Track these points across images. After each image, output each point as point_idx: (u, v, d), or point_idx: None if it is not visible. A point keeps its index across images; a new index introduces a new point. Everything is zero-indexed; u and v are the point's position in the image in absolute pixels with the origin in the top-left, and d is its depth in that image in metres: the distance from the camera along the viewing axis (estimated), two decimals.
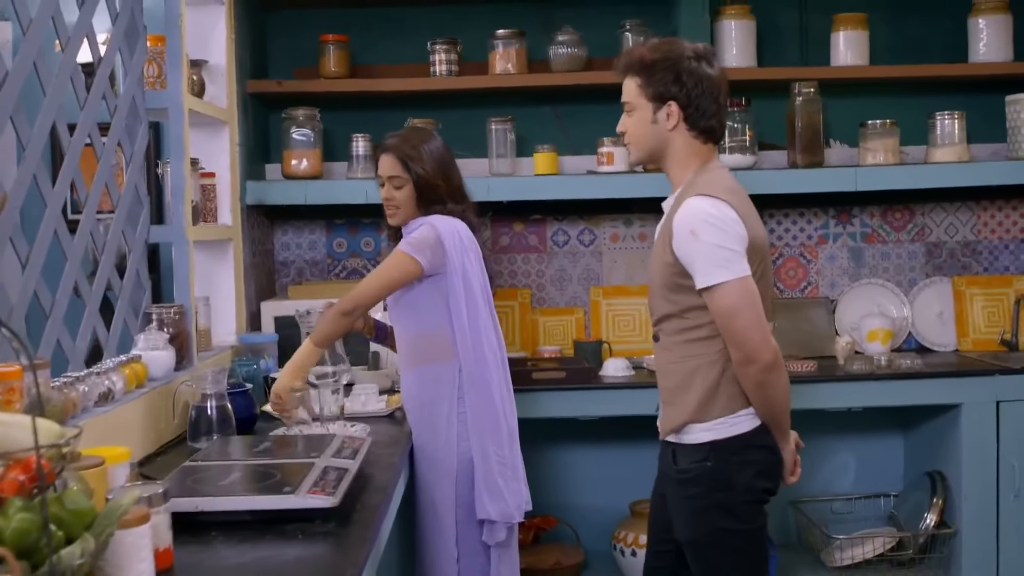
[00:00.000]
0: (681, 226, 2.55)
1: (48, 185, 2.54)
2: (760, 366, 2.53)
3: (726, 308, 2.51)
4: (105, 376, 2.57)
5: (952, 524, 4.02)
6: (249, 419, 3.09)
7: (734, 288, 2.50)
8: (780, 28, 4.50)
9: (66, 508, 1.50)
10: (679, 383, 2.66)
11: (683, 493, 2.67)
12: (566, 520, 4.37)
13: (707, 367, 2.61)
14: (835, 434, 4.52)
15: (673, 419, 2.68)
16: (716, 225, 2.52)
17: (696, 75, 2.63)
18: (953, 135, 4.25)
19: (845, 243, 4.60)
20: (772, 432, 2.65)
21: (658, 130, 2.67)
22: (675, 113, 2.64)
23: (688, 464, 2.65)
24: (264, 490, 2.13)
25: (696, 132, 2.66)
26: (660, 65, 2.64)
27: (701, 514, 2.64)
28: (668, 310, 2.66)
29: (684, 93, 2.63)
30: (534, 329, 4.51)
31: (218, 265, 3.75)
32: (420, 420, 3.11)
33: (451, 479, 3.05)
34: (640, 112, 2.68)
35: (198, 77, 3.57)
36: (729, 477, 2.61)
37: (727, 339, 2.55)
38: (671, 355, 2.68)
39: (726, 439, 2.61)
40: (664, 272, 2.63)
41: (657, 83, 2.64)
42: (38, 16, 2.46)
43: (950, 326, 4.49)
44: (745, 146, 4.19)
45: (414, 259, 3.02)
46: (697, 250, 2.52)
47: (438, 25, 4.41)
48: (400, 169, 3.13)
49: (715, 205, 2.54)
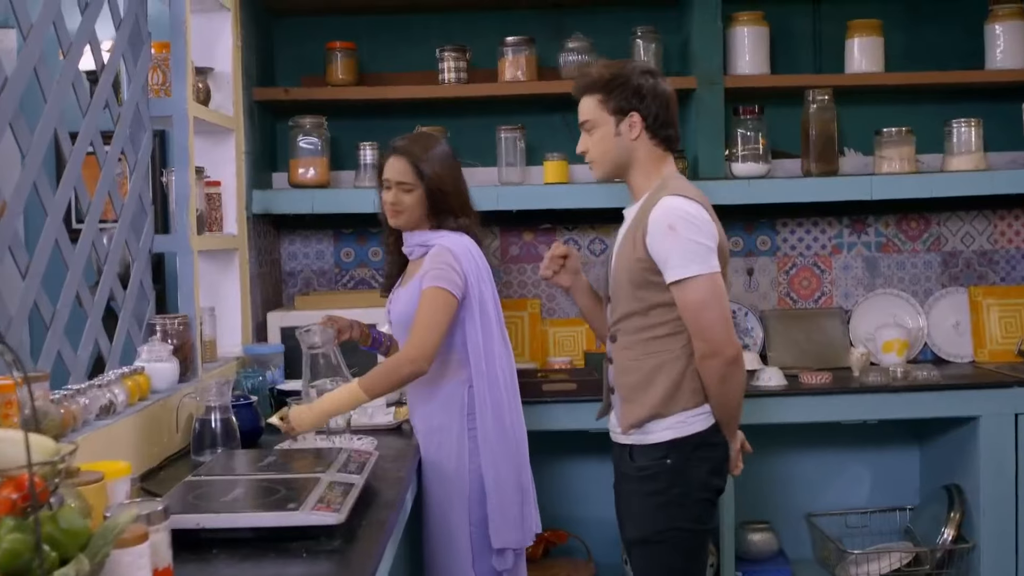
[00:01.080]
0: (658, 222, 2.68)
1: (49, 193, 2.49)
2: (724, 359, 2.66)
3: (696, 301, 2.65)
4: (107, 388, 2.52)
5: (970, 539, 3.96)
6: (254, 432, 3.04)
7: (706, 282, 2.65)
8: (793, 35, 4.45)
9: (60, 527, 1.46)
10: (641, 380, 2.76)
11: (642, 490, 2.76)
12: (576, 534, 4.30)
13: (671, 363, 2.73)
14: (850, 447, 4.46)
15: (633, 414, 2.77)
16: (692, 222, 2.67)
17: (652, 89, 2.79)
18: (970, 143, 4.20)
19: (860, 253, 4.54)
20: (723, 429, 2.77)
21: (622, 142, 2.80)
22: (638, 123, 2.78)
23: (647, 461, 2.75)
24: (268, 506, 2.08)
25: (657, 140, 2.82)
26: (618, 80, 2.79)
27: (658, 511, 2.74)
28: (632, 308, 2.76)
29: (644, 105, 2.78)
30: (544, 340, 4.46)
31: (224, 275, 3.71)
32: (430, 440, 3.04)
33: (463, 499, 2.98)
34: (602, 128, 2.82)
35: (203, 85, 3.53)
36: (686, 474, 2.73)
37: (694, 332, 2.68)
38: (631, 353, 2.78)
39: (685, 437, 2.73)
40: (633, 269, 2.73)
41: (617, 97, 2.78)
42: (39, 21, 2.42)
43: (966, 337, 4.43)
44: (758, 154, 4.14)
45: (452, 294, 2.95)
46: (673, 244, 2.65)
47: (447, 32, 4.37)
48: (410, 174, 3.04)
49: (691, 204, 2.70)
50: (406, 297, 3.06)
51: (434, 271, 2.97)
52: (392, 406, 3.42)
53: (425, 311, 2.94)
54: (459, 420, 3.01)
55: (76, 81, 2.64)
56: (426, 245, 3.06)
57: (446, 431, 3.01)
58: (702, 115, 4.13)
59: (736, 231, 4.49)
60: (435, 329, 2.93)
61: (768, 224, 4.52)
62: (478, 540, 2.99)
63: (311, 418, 2.89)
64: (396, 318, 3.11)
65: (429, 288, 2.95)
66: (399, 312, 3.08)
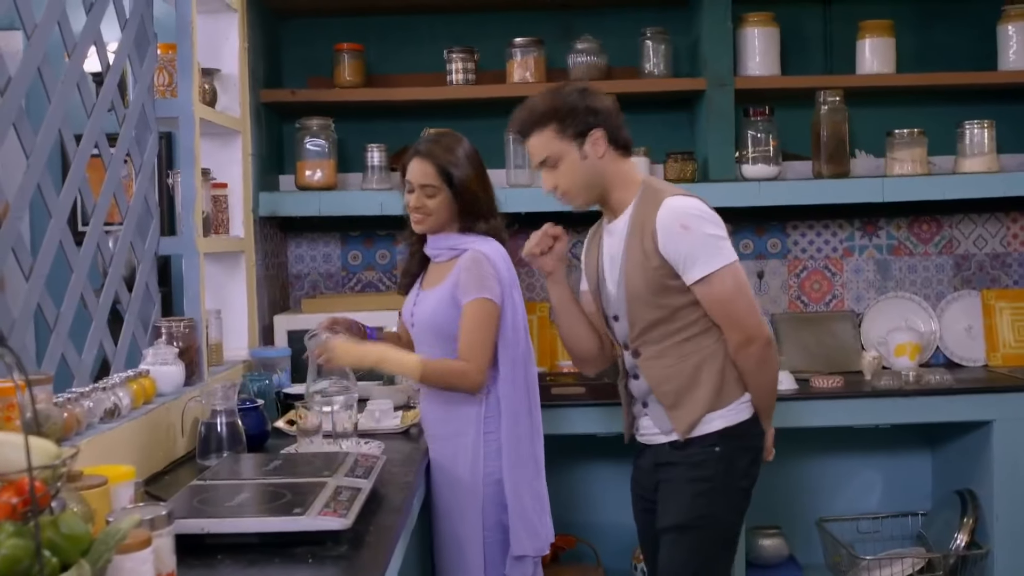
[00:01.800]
0: (668, 225, 2.65)
1: (53, 195, 2.47)
2: (760, 343, 2.69)
3: (724, 293, 2.66)
4: (111, 391, 2.50)
5: (984, 544, 3.92)
6: (260, 436, 3.01)
7: (731, 272, 2.66)
8: (804, 36, 4.42)
9: (61, 533, 1.44)
10: (685, 383, 2.74)
11: (687, 476, 2.75)
12: (586, 539, 4.27)
13: (709, 360, 2.72)
14: (861, 451, 4.43)
15: (687, 416, 2.74)
16: (703, 216, 2.67)
17: (598, 101, 2.76)
18: (982, 144, 4.16)
19: (871, 255, 4.50)
20: (761, 417, 2.79)
21: (590, 164, 2.75)
22: (601, 139, 2.73)
23: (697, 449, 2.75)
24: (273, 511, 2.05)
25: (619, 150, 2.78)
26: (566, 106, 2.74)
27: (699, 497, 2.73)
28: (656, 316, 2.73)
29: (600, 118, 2.73)
30: (553, 343, 4.42)
31: (230, 278, 3.68)
32: (444, 445, 2.99)
33: (477, 505, 2.94)
34: (567, 157, 2.75)
35: (210, 86, 3.50)
36: (733, 462, 2.74)
37: (726, 324, 2.69)
38: (666, 360, 2.75)
39: (734, 425, 2.74)
40: (651, 278, 2.70)
41: (573, 122, 2.72)
42: (43, 21, 2.40)
43: (979, 340, 4.39)
44: (769, 156, 4.11)
45: (495, 302, 2.92)
46: (691, 242, 2.64)
47: (455, 33, 4.35)
48: (435, 177, 2.94)
49: (694, 201, 2.70)
50: (435, 302, 2.98)
51: (476, 281, 2.90)
52: (399, 410, 3.39)
53: (475, 326, 2.89)
54: (476, 425, 2.96)
55: (81, 82, 2.62)
56: (456, 249, 2.99)
57: (462, 436, 2.96)
58: (712, 117, 4.10)
59: (746, 234, 4.46)
60: (488, 346, 2.91)
61: (779, 227, 4.48)
62: (491, 547, 2.95)
63: (354, 355, 2.92)
64: (422, 322, 3.02)
65: (475, 300, 2.89)
66: (427, 317, 2.99)
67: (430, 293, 3.02)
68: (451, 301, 2.93)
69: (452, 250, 3.00)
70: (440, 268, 3.03)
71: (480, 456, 2.95)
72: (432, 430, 3.04)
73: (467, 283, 2.90)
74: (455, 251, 2.99)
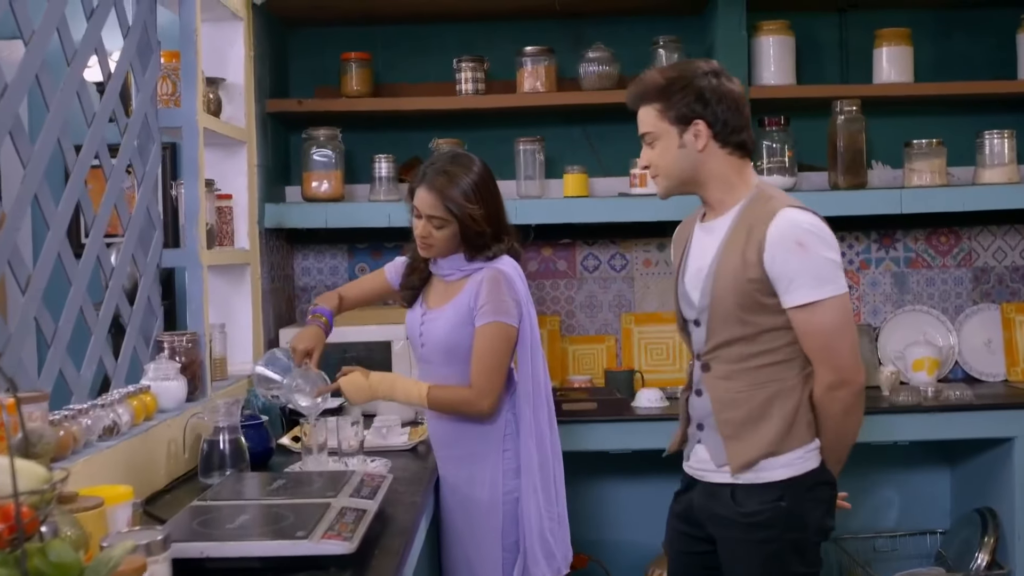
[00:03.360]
0: (782, 239, 2.38)
1: (51, 206, 2.40)
2: (853, 389, 2.42)
3: (828, 325, 2.38)
4: (110, 408, 2.43)
5: (1005, 564, 3.85)
6: (264, 453, 2.94)
7: (840, 304, 2.39)
8: (820, 44, 4.35)
9: (49, 561, 1.36)
10: (750, 414, 2.45)
11: (753, 538, 2.45)
12: (597, 558, 4.20)
13: (786, 394, 2.44)
14: (879, 468, 4.34)
15: (745, 454, 2.45)
16: (822, 237, 2.40)
17: (717, 90, 2.47)
18: (1003, 155, 4.08)
19: (888, 268, 4.42)
20: (831, 466, 2.51)
21: (688, 154, 2.49)
22: (704, 132, 2.47)
23: (758, 505, 2.44)
24: (275, 534, 1.98)
25: (730, 148, 2.50)
26: (677, 85, 2.48)
27: (772, 559, 2.44)
28: (738, 333, 2.46)
29: (709, 110, 2.46)
30: (563, 358, 4.35)
31: (235, 291, 3.62)
32: (459, 467, 2.92)
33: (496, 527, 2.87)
34: (664, 139, 2.50)
35: (215, 95, 3.44)
36: (803, 517, 2.45)
37: (821, 360, 2.41)
38: (736, 384, 2.47)
39: (801, 475, 2.45)
40: (743, 290, 2.42)
41: (678, 104, 2.47)
42: (41, 27, 2.34)
43: (999, 355, 4.31)
44: (784, 167, 4.03)
45: (512, 326, 2.85)
46: (803, 263, 2.37)
47: (464, 42, 4.28)
48: (442, 210, 2.84)
49: (814, 218, 2.43)
50: (447, 322, 2.89)
51: (493, 303, 2.83)
52: (407, 426, 3.31)
53: (488, 352, 2.83)
54: (494, 444, 2.89)
55: (81, 90, 2.56)
56: (467, 270, 2.91)
57: (480, 457, 2.89)
58: None
59: None
60: (500, 372, 2.85)
61: None
62: (508, 568, 2.88)
63: (366, 394, 2.88)
64: (435, 342, 2.92)
65: (491, 324, 2.82)
66: (440, 337, 2.90)
67: (440, 312, 2.93)
68: (466, 319, 2.86)
69: (463, 271, 2.92)
70: (449, 285, 2.95)
71: (499, 475, 2.88)
72: (443, 449, 2.96)
73: (485, 304, 2.83)
74: (465, 272, 2.91)
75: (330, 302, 3.09)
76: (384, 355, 3.66)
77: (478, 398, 2.82)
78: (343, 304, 3.13)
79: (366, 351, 3.62)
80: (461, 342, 2.86)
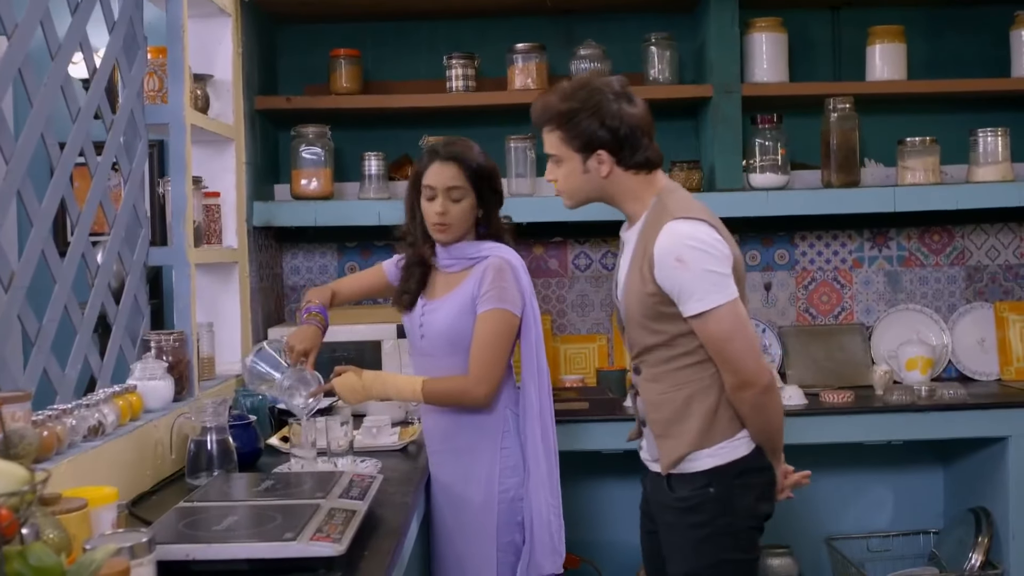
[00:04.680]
0: (665, 254, 2.44)
1: (35, 202, 2.36)
2: (757, 389, 2.47)
3: (720, 333, 2.45)
4: (95, 408, 2.39)
5: (999, 564, 3.82)
6: (252, 453, 2.91)
7: (726, 312, 2.44)
8: (813, 42, 4.33)
9: (29, 565, 1.33)
10: (674, 413, 2.55)
11: (684, 522, 2.56)
12: (588, 558, 4.16)
13: (703, 393, 2.52)
14: (871, 468, 4.32)
15: (672, 451, 2.56)
16: (702, 249, 2.43)
17: (619, 117, 2.51)
18: (996, 153, 4.06)
19: (881, 267, 4.40)
20: (767, 453, 2.59)
21: (592, 178, 2.56)
22: (607, 160, 2.53)
23: (688, 492, 2.55)
24: (263, 536, 1.95)
25: (634, 169, 2.56)
26: (580, 115, 2.52)
27: (704, 543, 2.54)
28: (652, 341, 2.55)
29: (612, 138, 2.51)
30: (555, 357, 4.32)
31: (223, 290, 3.58)
32: (456, 462, 2.89)
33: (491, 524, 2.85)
34: (569, 164, 2.57)
35: (202, 92, 3.40)
36: (732, 502, 2.53)
37: (721, 365, 2.48)
38: (660, 386, 2.57)
39: (728, 463, 2.53)
40: (645, 303, 2.52)
41: (581, 133, 2.52)
42: (24, 21, 2.30)
43: (992, 354, 4.29)
44: (777, 165, 4.01)
45: (515, 315, 2.83)
46: (685, 277, 2.43)
47: (454, 39, 4.25)
48: (462, 178, 2.82)
49: (697, 227, 2.46)
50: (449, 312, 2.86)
51: (497, 291, 2.81)
52: (397, 426, 3.28)
53: (488, 339, 2.81)
54: (492, 440, 2.87)
55: (66, 86, 2.52)
56: (471, 259, 2.89)
57: (477, 452, 2.87)
58: (719, 124, 3.99)
59: (753, 244, 4.36)
60: (499, 360, 2.83)
61: (786, 237, 4.38)
62: (504, 568, 2.86)
63: (360, 395, 2.86)
64: (437, 332, 2.89)
65: (493, 311, 2.80)
66: (443, 327, 2.87)
67: (441, 302, 2.90)
68: (469, 308, 2.84)
69: (467, 260, 2.89)
70: (450, 277, 2.92)
71: (496, 472, 2.86)
72: (437, 445, 2.93)
73: (488, 291, 2.81)
74: (471, 261, 2.89)
75: (323, 297, 3.05)
76: (374, 354, 3.63)
77: (475, 385, 2.80)
78: (335, 300, 3.10)
79: (356, 350, 3.59)
80: (464, 332, 2.83)
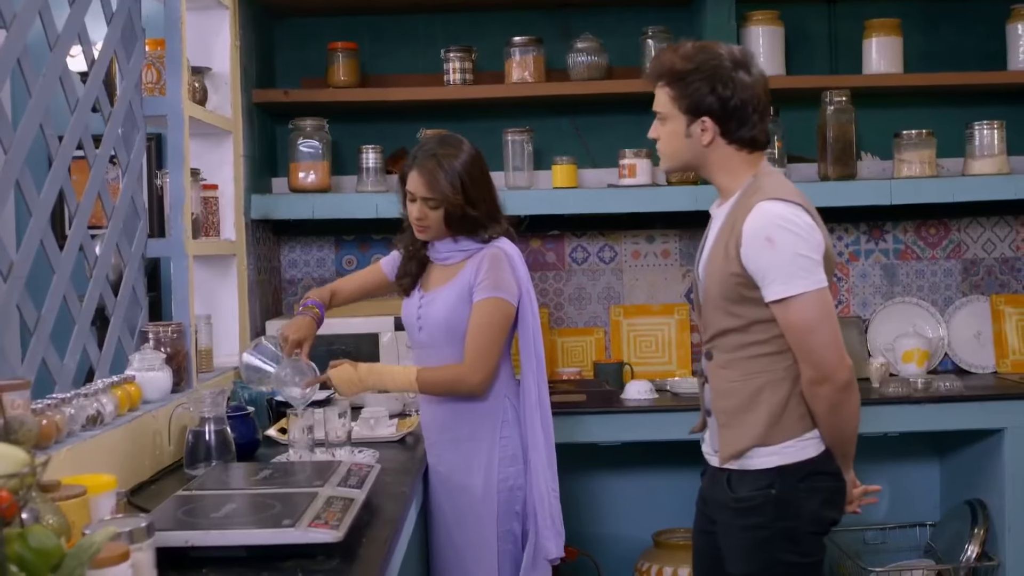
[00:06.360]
0: (754, 233, 2.34)
1: (34, 193, 2.37)
2: (836, 386, 2.35)
3: (802, 322, 2.34)
4: (94, 398, 2.40)
5: (995, 556, 3.83)
6: (250, 444, 2.91)
7: (812, 300, 2.33)
8: (809, 35, 4.34)
9: (30, 546, 1.35)
10: (741, 403, 2.44)
11: (742, 523, 2.44)
12: (586, 551, 4.17)
13: (774, 385, 2.41)
14: (867, 460, 4.23)
15: (735, 443, 2.45)
16: (794, 231, 2.33)
17: (733, 85, 2.41)
18: (992, 146, 4.07)
19: (878, 260, 4.41)
20: (837, 458, 2.47)
21: (692, 144, 2.47)
22: (710, 128, 2.43)
23: (749, 491, 2.43)
24: (261, 523, 1.96)
25: (737, 145, 2.45)
26: (694, 76, 2.42)
27: (762, 545, 2.42)
28: (728, 324, 2.44)
29: (720, 106, 2.41)
30: (552, 350, 4.32)
31: (221, 282, 3.59)
32: (455, 451, 2.90)
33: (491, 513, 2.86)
34: (672, 123, 2.48)
35: (200, 85, 3.41)
36: (796, 505, 2.41)
37: (800, 356, 2.37)
38: (731, 373, 2.46)
39: (793, 464, 2.41)
40: (727, 283, 2.41)
41: (691, 95, 2.43)
42: (22, 11, 2.30)
43: (988, 347, 4.30)
44: (773, 158, 4.01)
45: (511, 304, 2.84)
46: (773, 259, 2.33)
47: (452, 32, 4.26)
48: (438, 192, 2.83)
49: (791, 210, 2.35)
50: (446, 302, 2.88)
51: (493, 279, 2.82)
52: (395, 417, 3.29)
53: (484, 327, 2.82)
54: (491, 430, 2.88)
55: (64, 77, 2.52)
56: (467, 250, 2.90)
57: (476, 440, 2.88)
58: None
59: None
60: (495, 348, 2.83)
61: None
62: (504, 557, 2.87)
63: (356, 387, 2.87)
64: (434, 323, 2.90)
65: (489, 299, 2.82)
66: (440, 317, 2.88)
67: (438, 293, 2.92)
68: (467, 298, 2.85)
69: (463, 252, 2.91)
70: (447, 268, 2.94)
71: (495, 461, 2.87)
72: (435, 435, 2.95)
73: (484, 280, 2.83)
74: (467, 252, 2.90)
75: (322, 296, 3.08)
76: (372, 347, 3.64)
77: (470, 373, 2.81)
78: (335, 299, 3.12)
79: (353, 343, 3.60)
80: (461, 322, 2.85)
